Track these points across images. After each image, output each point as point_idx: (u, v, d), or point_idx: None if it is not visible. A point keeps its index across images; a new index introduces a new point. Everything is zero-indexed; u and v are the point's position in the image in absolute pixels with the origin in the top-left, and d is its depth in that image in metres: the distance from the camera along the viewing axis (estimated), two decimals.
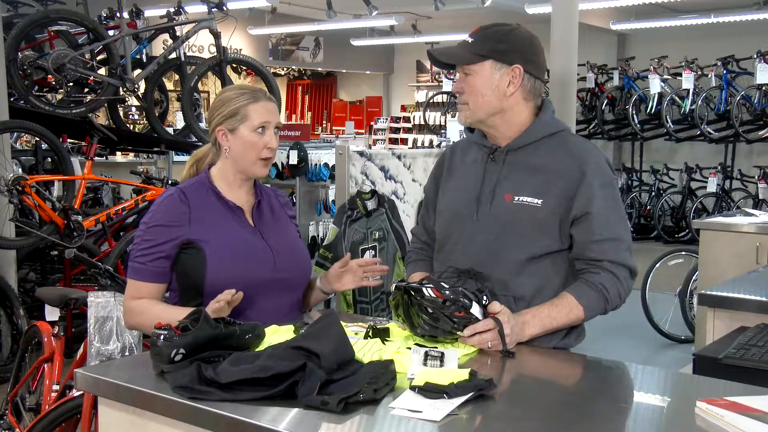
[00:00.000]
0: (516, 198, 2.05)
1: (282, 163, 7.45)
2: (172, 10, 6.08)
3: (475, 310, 1.87)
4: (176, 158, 8.14)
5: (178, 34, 6.06)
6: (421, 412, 1.46)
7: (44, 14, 5.66)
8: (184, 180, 2.36)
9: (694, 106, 10.29)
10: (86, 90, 5.84)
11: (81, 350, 2.94)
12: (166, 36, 6.28)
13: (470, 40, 2.10)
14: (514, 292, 2.04)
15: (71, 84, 5.66)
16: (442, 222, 2.22)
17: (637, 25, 11.46)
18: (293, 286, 2.28)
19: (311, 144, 8.19)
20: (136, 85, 5.87)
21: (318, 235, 7.64)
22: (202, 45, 11.89)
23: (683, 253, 6.05)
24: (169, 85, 8.10)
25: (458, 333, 1.86)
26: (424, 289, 1.87)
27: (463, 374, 1.59)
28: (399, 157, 4.79)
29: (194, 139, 6.32)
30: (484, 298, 1.90)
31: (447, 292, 1.86)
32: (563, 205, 2.03)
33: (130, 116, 9.64)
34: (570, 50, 6.65)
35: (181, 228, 2.15)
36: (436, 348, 1.78)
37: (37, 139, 5.61)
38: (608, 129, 11.45)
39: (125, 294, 2.23)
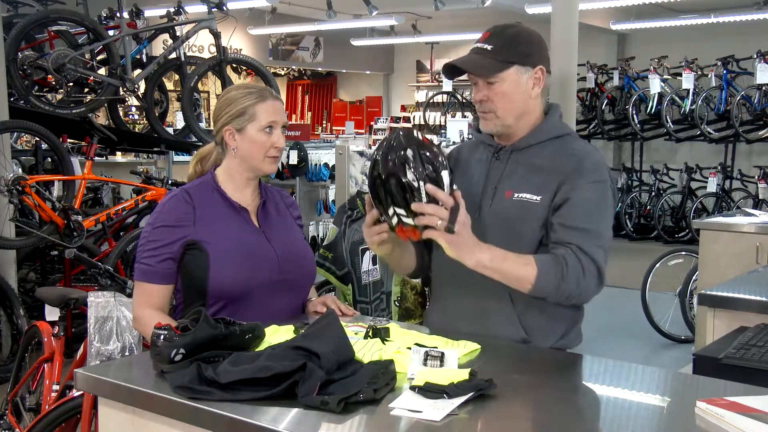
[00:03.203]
0: (516, 195, 2.06)
1: (282, 163, 7.47)
2: (172, 10, 6.08)
3: (446, 178, 1.83)
4: (176, 158, 8.16)
5: (178, 34, 6.07)
6: (421, 412, 1.46)
7: (44, 14, 5.66)
8: (190, 178, 2.36)
9: (694, 106, 10.29)
10: (86, 90, 5.84)
11: (81, 350, 2.94)
12: (166, 36, 6.29)
13: (488, 47, 2.06)
14: (512, 290, 2.04)
15: (71, 84, 5.67)
16: None
17: (637, 25, 11.47)
18: (297, 288, 2.28)
19: (311, 144, 8.21)
20: (136, 85, 5.87)
21: (318, 235, 7.66)
22: (202, 45, 11.89)
23: (683, 253, 6.04)
24: (169, 85, 8.11)
25: (420, 191, 1.80)
26: (415, 131, 1.86)
27: (463, 374, 1.59)
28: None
29: (194, 139, 6.32)
30: (455, 187, 1.87)
31: (436, 148, 1.85)
32: (553, 198, 2.03)
33: (130, 116, 9.64)
34: (570, 50, 6.65)
35: (186, 228, 2.15)
36: (436, 348, 1.78)
37: (37, 139, 5.61)
38: (608, 129, 11.45)
39: (135, 299, 2.20)
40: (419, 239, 1.90)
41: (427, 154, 1.83)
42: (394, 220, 1.87)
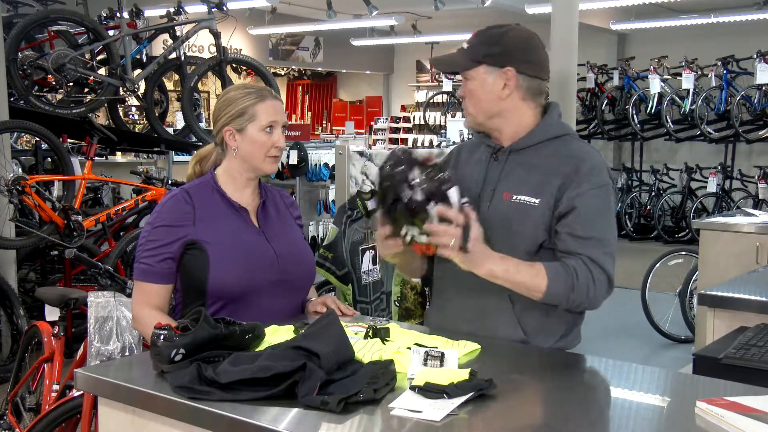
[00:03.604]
0: (514, 197, 2.06)
1: (282, 163, 7.46)
2: (172, 10, 6.08)
3: (453, 195, 1.82)
4: (176, 158, 8.16)
5: (178, 34, 6.07)
6: (421, 412, 1.46)
7: (44, 14, 5.66)
8: (190, 178, 2.36)
9: (694, 106, 10.29)
10: (86, 90, 5.84)
11: (81, 350, 2.94)
12: (166, 36, 6.29)
13: (466, 45, 2.12)
14: (511, 290, 2.04)
15: (71, 84, 5.67)
16: None
17: (637, 25, 11.47)
18: (296, 288, 2.28)
19: (311, 144, 8.21)
20: (136, 85, 5.87)
21: (318, 235, 7.66)
22: (202, 45, 11.89)
23: (683, 253, 6.04)
24: (169, 85, 8.11)
25: (431, 212, 1.81)
26: (414, 151, 1.87)
27: (463, 374, 1.59)
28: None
29: (194, 139, 6.32)
30: (465, 199, 1.87)
31: (434, 163, 1.85)
32: (555, 203, 2.02)
33: (130, 116, 9.65)
34: (570, 50, 6.65)
35: (185, 228, 2.15)
36: (436, 348, 1.78)
37: (37, 139, 5.61)
38: (608, 129, 11.45)
39: (134, 298, 2.20)
40: (434, 253, 1.92)
41: (432, 173, 1.83)
42: (408, 238, 1.89)
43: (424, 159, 1.86)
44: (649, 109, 10.81)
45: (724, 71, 10.33)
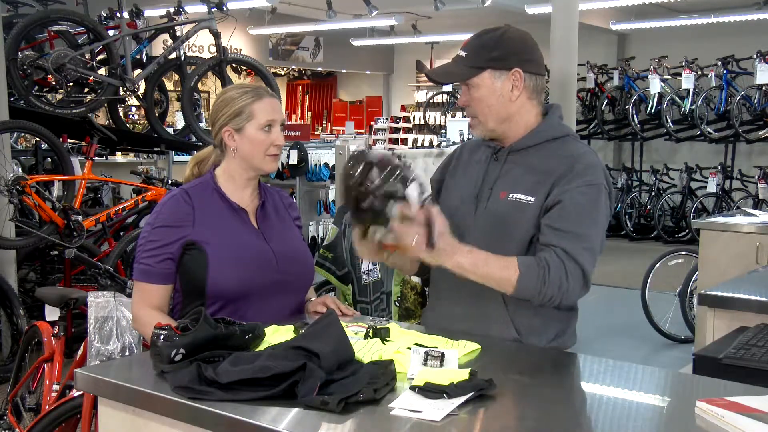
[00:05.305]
0: (510, 195, 2.06)
1: (282, 163, 7.46)
2: (172, 10, 6.08)
3: (413, 191, 1.83)
4: (176, 158, 8.16)
5: (178, 34, 6.07)
6: (421, 412, 1.46)
7: (44, 14, 5.66)
8: (187, 181, 2.36)
9: (694, 106, 10.30)
10: (86, 90, 5.84)
11: (81, 350, 2.94)
12: (166, 36, 6.29)
13: (464, 53, 2.10)
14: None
15: (71, 84, 5.67)
16: None
17: (637, 25, 11.47)
18: (295, 289, 2.28)
19: (311, 144, 8.22)
20: (136, 85, 5.87)
21: (318, 235, 7.67)
22: (202, 45, 11.90)
23: (683, 253, 6.04)
24: (169, 85, 8.11)
25: (391, 212, 1.82)
26: (370, 150, 1.86)
27: (463, 374, 1.59)
28: (399, 157, 4.79)
29: (194, 139, 6.32)
30: (426, 195, 1.87)
31: (397, 161, 1.84)
32: (545, 198, 2.02)
33: (130, 116, 9.65)
34: (570, 50, 6.65)
35: (185, 228, 2.15)
36: (436, 348, 1.78)
37: (37, 139, 5.61)
38: (608, 129, 11.46)
39: (134, 298, 2.20)
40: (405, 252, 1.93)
41: (389, 171, 1.83)
42: (377, 238, 1.90)
43: (380, 159, 1.85)
44: (649, 109, 10.82)
45: (724, 71, 10.34)
